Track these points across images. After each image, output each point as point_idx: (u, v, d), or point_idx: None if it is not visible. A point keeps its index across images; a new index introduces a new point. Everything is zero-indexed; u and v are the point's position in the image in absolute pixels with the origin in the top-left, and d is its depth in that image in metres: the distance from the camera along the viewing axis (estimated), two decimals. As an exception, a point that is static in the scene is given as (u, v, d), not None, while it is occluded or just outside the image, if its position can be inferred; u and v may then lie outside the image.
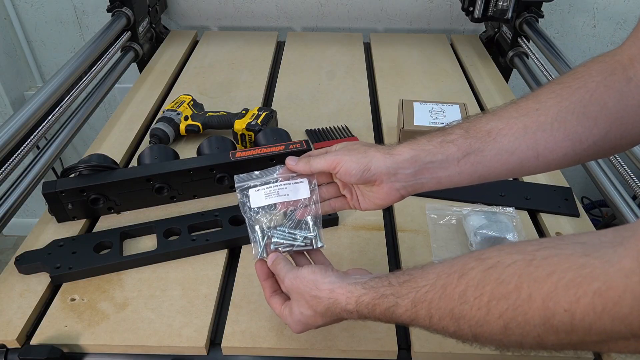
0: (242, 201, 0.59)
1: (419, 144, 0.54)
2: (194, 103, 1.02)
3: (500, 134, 0.51)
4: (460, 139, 0.52)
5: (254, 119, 0.94)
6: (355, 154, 0.54)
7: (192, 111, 1.00)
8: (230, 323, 0.64)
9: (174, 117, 0.98)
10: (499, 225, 0.74)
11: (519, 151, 0.51)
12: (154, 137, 0.96)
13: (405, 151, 0.53)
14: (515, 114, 0.52)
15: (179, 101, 1.02)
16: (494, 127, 0.52)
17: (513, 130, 0.51)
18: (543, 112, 0.51)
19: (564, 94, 0.51)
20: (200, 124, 0.98)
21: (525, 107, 0.52)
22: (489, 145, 0.51)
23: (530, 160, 0.51)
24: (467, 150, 0.52)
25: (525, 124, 0.51)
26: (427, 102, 0.97)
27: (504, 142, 0.51)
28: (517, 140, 0.51)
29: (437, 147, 0.53)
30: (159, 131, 0.95)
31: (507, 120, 0.52)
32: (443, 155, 0.52)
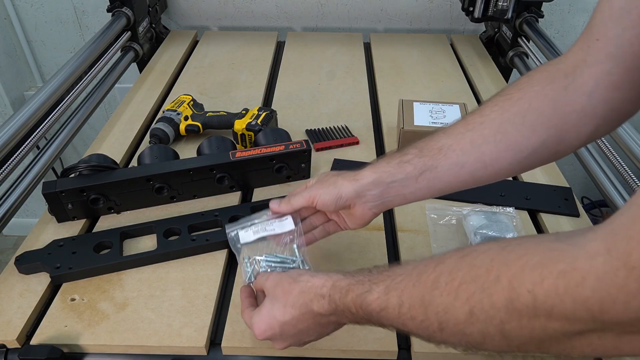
0: (232, 239, 0.64)
1: (380, 167, 0.58)
2: (194, 103, 1.02)
3: (450, 150, 0.55)
4: (416, 159, 0.57)
5: (254, 119, 0.94)
6: (327, 186, 0.60)
7: (192, 111, 1.00)
8: (230, 323, 0.64)
9: (174, 117, 0.98)
10: (499, 225, 0.74)
11: (469, 164, 0.55)
12: (154, 137, 0.95)
13: (368, 175, 0.58)
14: (463, 129, 0.56)
15: (179, 101, 1.02)
16: (444, 144, 0.56)
17: (461, 145, 0.55)
18: (487, 125, 0.54)
19: (505, 106, 0.54)
20: (200, 124, 0.98)
21: (471, 121, 0.56)
22: (441, 162, 0.56)
23: (479, 171, 0.55)
24: (422, 168, 0.56)
25: (472, 138, 0.55)
26: (427, 102, 0.97)
27: (453, 157, 0.55)
28: (465, 154, 0.55)
29: (395, 168, 0.57)
30: (159, 131, 0.95)
31: (455, 137, 0.56)
32: (402, 174, 0.57)
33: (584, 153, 0.95)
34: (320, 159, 0.94)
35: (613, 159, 0.87)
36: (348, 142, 0.98)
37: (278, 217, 0.64)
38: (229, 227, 0.65)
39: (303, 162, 0.87)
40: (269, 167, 0.85)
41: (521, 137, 0.53)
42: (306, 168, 0.88)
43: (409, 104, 0.96)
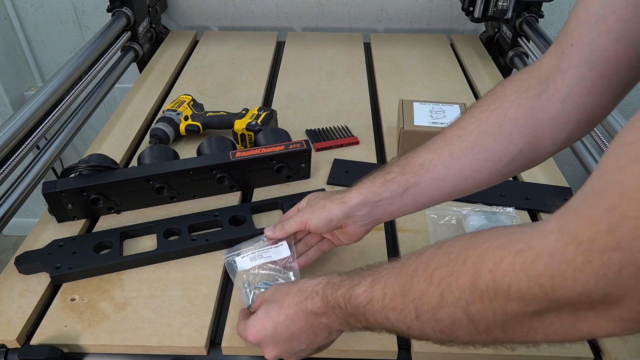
0: (229, 265, 0.67)
1: (365, 187, 0.60)
2: (194, 103, 1.02)
3: (431, 165, 0.57)
4: (399, 177, 0.58)
5: (254, 119, 0.94)
6: (317, 210, 0.62)
7: (192, 111, 1.00)
8: (230, 323, 0.64)
9: (174, 117, 0.98)
10: (498, 225, 0.74)
11: (450, 177, 0.56)
12: (154, 137, 0.95)
13: (355, 196, 0.60)
14: (442, 143, 0.58)
15: (179, 101, 1.02)
16: (425, 160, 0.58)
17: (441, 159, 0.57)
18: (465, 138, 0.56)
19: (481, 117, 0.56)
20: (200, 124, 0.98)
21: (450, 135, 0.57)
22: (423, 178, 0.57)
23: (460, 183, 0.57)
24: (406, 185, 0.58)
25: (451, 152, 0.56)
26: (427, 102, 0.97)
27: (435, 172, 0.57)
28: (446, 168, 0.56)
29: (380, 187, 0.59)
30: (159, 131, 0.95)
31: (435, 152, 0.58)
32: (387, 193, 0.59)
33: (584, 153, 0.95)
34: (320, 159, 0.94)
35: (613, 159, 0.87)
36: (348, 142, 0.98)
37: (274, 243, 0.67)
38: (225, 253, 0.69)
39: (303, 162, 0.87)
40: (269, 167, 0.85)
41: (499, 147, 0.54)
42: (306, 168, 0.88)
43: (409, 104, 0.96)
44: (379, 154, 0.98)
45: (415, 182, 0.57)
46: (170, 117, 0.97)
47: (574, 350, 0.61)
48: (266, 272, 0.67)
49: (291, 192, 0.85)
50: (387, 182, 0.59)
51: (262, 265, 0.67)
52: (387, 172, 0.60)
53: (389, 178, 0.59)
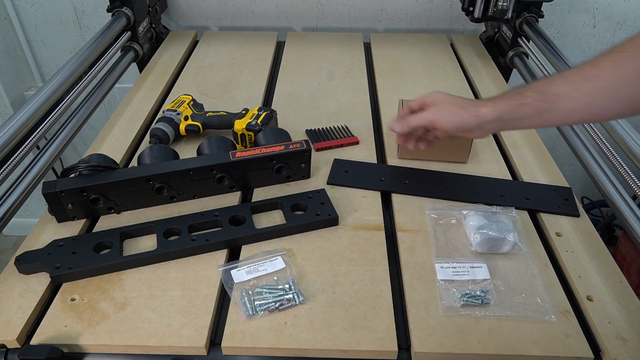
0: (226, 278, 0.69)
1: (500, 106, 0.68)
2: (194, 103, 1.02)
3: (567, 98, 0.64)
4: (535, 102, 0.66)
5: (254, 119, 0.94)
6: (448, 115, 0.71)
7: (192, 111, 1.00)
8: (230, 323, 0.64)
9: (174, 117, 0.98)
10: (499, 225, 0.74)
11: (580, 111, 0.64)
12: (154, 137, 0.95)
13: (490, 113, 0.69)
14: (579, 78, 0.64)
15: (179, 101, 1.02)
16: (561, 92, 0.65)
17: (577, 94, 0.64)
18: (602, 79, 0.62)
19: (620, 62, 0.61)
20: (200, 124, 0.98)
21: (589, 73, 0.63)
22: (557, 106, 0.65)
23: (587, 117, 0.68)
24: (540, 110, 0.66)
25: (588, 89, 0.63)
26: None
27: (569, 104, 0.64)
28: (580, 102, 0.64)
29: (515, 109, 0.67)
30: (159, 131, 0.95)
31: (573, 85, 0.64)
32: (520, 114, 0.67)
33: (584, 153, 0.94)
34: (320, 159, 0.94)
35: (613, 159, 0.87)
36: (348, 142, 0.98)
37: (269, 258, 0.71)
38: (221, 267, 0.71)
39: (303, 162, 0.87)
40: (269, 167, 0.85)
41: (631, 93, 0.60)
42: (306, 168, 0.88)
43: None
44: (379, 154, 0.98)
45: (549, 109, 0.65)
46: (170, 117, 0.98)
47: (574, 350, 0.61)
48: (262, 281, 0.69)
49: (291, 192, 0.85)
50: (522, 105, 0.66)
51: (258, 278, 0.69)
52: (524, 95, 0.67)
53: (525, 102, 0.66)
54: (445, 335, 0.63)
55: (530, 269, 0.72)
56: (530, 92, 0.67)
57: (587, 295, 0.69)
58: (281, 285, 0.68)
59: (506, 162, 0.96)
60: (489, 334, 0.63)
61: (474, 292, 0.68)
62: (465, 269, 0.71)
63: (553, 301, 0.67)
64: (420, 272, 0.71)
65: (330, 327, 0.63)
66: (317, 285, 0.69)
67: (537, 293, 0.68)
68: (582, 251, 0.76)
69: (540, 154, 0.98)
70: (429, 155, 0.93)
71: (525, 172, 0.93)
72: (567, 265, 0.73)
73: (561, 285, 0.70)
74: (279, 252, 0.73)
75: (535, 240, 0.78)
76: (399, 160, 0.94)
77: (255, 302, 0.66)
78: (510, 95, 0.68)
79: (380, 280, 0.70)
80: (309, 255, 0.74)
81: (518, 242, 0.75)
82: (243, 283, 0.69)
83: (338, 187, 0.87)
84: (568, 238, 0.78)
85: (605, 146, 0.91)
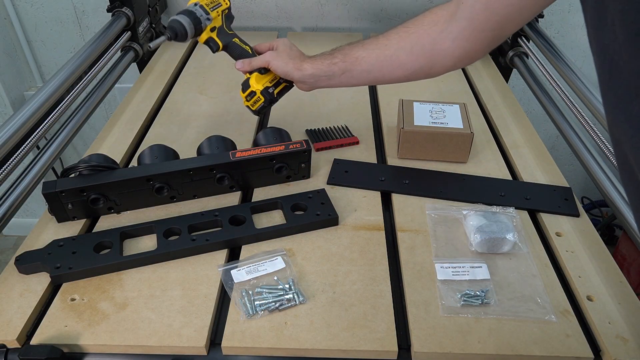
0: (225, 278, 0.69)
1: (316, 64, 0.83)
2: (227, 14, 0.89)
3: (363, 60, 0.80)
4: (340, 62, 0.82)
5: (273, 85, 0.88)
6: (280, 60, 0.84)
7: (222, 23, 0.88)
8: (230, 323, 0.64)
9: (202, 17, 0.84)
10: (499, 225, 0.74)
11: (374, 71, 0.81)
12: (169, 30, 0.82)
13: (308, 68, 0.83)
14: (374, 46, 0.80)
15: (217, 2, 0.87)
16: (359, 55, 0.81)
17: (370, 58, 0.80)
18: (388, 47, 0.79)
19: (403, 36, 0.78)
20: (222, 45, 0.88)
21: (381, 42, 0.80)
22: (356, 67, 0.81)
23: (379, 78, 0.82)
24: (343, 70, 0.82)
25: (377, 55, 0.79)
26: (427, 102, 0.97)
27: (364, 65, 0.80)
28: (372, 65, 0.80)
29: (327, 67, 0.82)
30: (178, 24, 0.82)
31: (368, 51, 0.80)
32: (330, 72, 0.82)
33: (584, 153, 0.95)
34: (320, 159, 0.94)
35: (613, 159, 0.87)
36: (348, 142, 0.98)
37: (269, 258, 0.72)
38: (221, 267, 0.71)
39: (303, 162, 0.87)
40: (269, 167, 0.85)
41: (407, 61, 0.78)
42: (306, 168, 0.88)
43: (409, 104, 0.96)
44: (379, 154, 0.98)
45: (350, 69, 0.81)
46: (197, 14, 0.84)
47: (574, 350, 0.61)
48: (262, 281, 0.69)
49: (291, 192, 0.85)
50: (331, 64, 0.82)
51: (258, 278, 0.69)
52: (333, 56, 0.83)
53: (334, 62, 0.82)
54: (445, 335, 0.63)
55: (530, 269, 0.72)
56: (338, 54, 0.82)
57: (587, 295, 0.69)
58: (281, 285, 0.68)
59: (506, 162, 0.96)
60: (489, 334, 0.63)
61: (474, 292, 0.68)
62: (465, 269, 0.71)
63: (553, 301, 0.67)
64: (420, 272, 0.71)
65: (330, 327, 0.63)
66: (317, 285, 0.69)
67: (537, 293, 0.68)
68: (582, 251, 0.76)
69: (540, 154, 0.98)
70: (429, 155, 0.93)
71: (525, 172, 0.93)
72: (567, 265, 0.73)
73: (561, 285, 0.70)
74: (279, 252, 0.73)
75: (535, 240, 0.78)
76: (399, 160, 0.94)
77: (255, 302, 0.66)
78: (325, 56, 0.83)
79: (380, 280, 0.70)
80: (309, 255, 0.74)
81: (518, 242, 0.75)
82: (243, 283, 0.69)
83: (338, 187, 0.87)
84: (568, 238, 0.78)
85: (605, 146, 0.91)
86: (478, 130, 1.03)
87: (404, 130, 0.91)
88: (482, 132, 1.04)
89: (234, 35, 0.90)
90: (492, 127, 1.07)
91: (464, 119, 0.93)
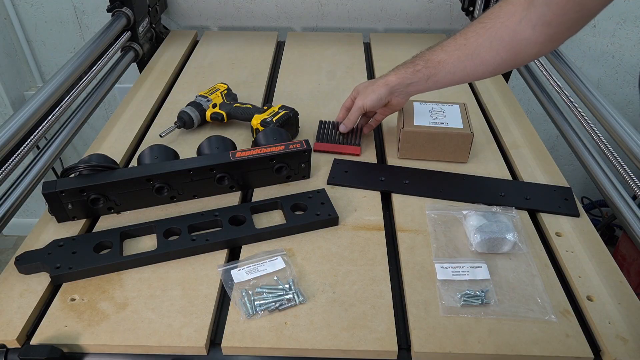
0: (225, 278, 0.69)
1: (400, 73, 0.87)
2: (227, 92, 1.05)
3: (445, 63, 0.82)
4: (424, 69, 0.84)
5: (270, 116, 0.96)
6: (369, 94, 0.89)
7: (223, 100, 1.03)
8: (230, 323, 0.64)
9: (203, 103, 1.02)
10: (499, 225, 0.74)
11: (457, 72, 0.82)
12: (179, 120, 1.00)
13: (394, 79, 0.87)
14: (453, 47, 0.82)
15: (214, 89, 1.05)
16: (441, 59, 0.83)
17: (452, 59, 0.82)
18: (467, 46, 0.80)
19: (480, 32, 0.79)
20: (225, 113, 1.01)
21: (460, 42, 0.81)
22: (440, 71, 0.83)
23: (464, 78, 0.83)
24: (428, 75, 0.84)
25: (458, 56, 0.81)
26: (427, 102, 0.97)
27: (448, 67, 0.82)
28: (455, 66, 0.82)
29: (412, 74, 0.85)
30: (185, 114, 0.99)
31: (448, 53, 0.82)
32: (416, 79, 0.85)
33: (584, 153, 0.95)
34: (320, 159, 0.94)
35: (613, 159, 0.87)
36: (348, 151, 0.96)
37: (269, 258, 0.72)
38: (221, 267, 0.71)
39: (303, 162, 0.87)
40: (269, 167, 0.85)
41: (489, 57, 0.78)
42: (306, 168, 0.88)
43: (409, 104, 0.96)
44: (379, 154, 0.98)
45: (435, 74, 0.83)
46: (199, 102, 1.02)
47: (574, 350, 0.61)
48: (262, 281, 0.69)
49: (291, 192, 0.85)
50: (415, 72, 0.85)
51: (258, 278, 0.69)
52: (415, 64, 0.85)
53: (417, 69, 0.85)
54: (445, 335, 0.63)
55: (530, 269, 0.72)
56: (419, 61, 0.85)
57: (587, 295, 0.69)
58: (281, 285, 0.68)
59: (506, 162, 0.96)
60: (489, 334, 0.63)
61: (474, 292, 0.68)
62: (465, 269, 0.71)
63: (553, 301, 0.67)
64: (420, 272, 0.71)
65: (330, 327, 0.63)
66: (317, 285, 0.69)
67: (537, 293, 0.68)
68: (582, 251, 0.76)
69: (540, 154, 0.98)
70: (429, 155, 0.93)
71: (525, 172, 0.93)
72: (567, 265, 0.73)
73: (561, 285, 0.70)
74: (279, 252, 0.73)
75: (535, 240, 0.78)
76: (399, 160, 0.94)
77: (255, 302, 0.66)
78: (407, 65, 0.86)
79: (380, 280, 0.70)
80: (309, 255, 0.74)
81: (518, 242, 0.75)
82: (243, 283, 0.69)
83: (338, 187, 0.87)
84: (568, 238, 0.78)
85: (605, 146, 0.91)
86: (478, 130, 1.03)
87: (404, 131, 0.91)
88: (482, 132, 1.04)
89: (234, 102, 1.05)
90: (492, 127, 1.07)
91: (464, 119, 0.93)
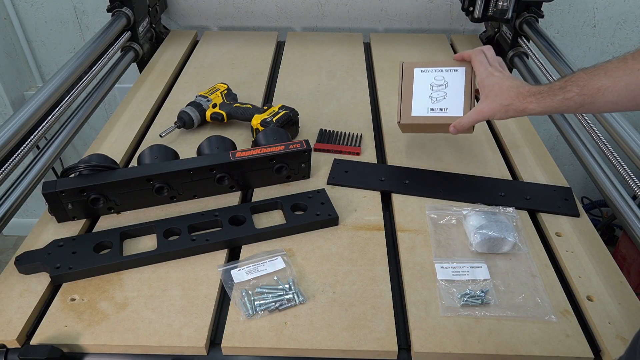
0: (225, 278, 0.69)
1: (545, 101, 0.72)
2: (227, 92, 1.05)
3: (607, 91, 0.66)
4: (577, 97, 0.69)
5: (270, 116, 0.96)
6: (497, 106, 0.77)
7: (223, 100, 1.03)
8: (230, 323, 0.64)
9: (203, 103, 1.02)
10: (499, 225, 0.74)
11: (621, 103, 0.67)
12: (179, 120, 0.99)
13: (535, 109, 0.73)
14: (621, 72, 0.66)
15: (214, 89, 1.05)
16: (603, 85, 0.67)
17: (617, 87, 0.65)
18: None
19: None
20: (225, 113, 1.01)
21: (630, 66, 0.65)
22: (598, 100, 0.68)
23: (629, 108, 0.68)
24: (581, 104, 0.69)
25: (627, 82, 0.65)
26: (429, 69, 0.90)
27: (610, 97, 0.67)
28: (620, 95, 0.66)
29: (559, 104, 0.71)
30: (185, 114, 0.99)
31: (613, 79, 0.66)
32: (564, 108, 0.71)
33: (584, 153, 0.95)
34: (320, 159, 0.94)
35: (613, 159, 0.87)
36: (348, 150, 0.96)
37: (269, 258, 0.72)
38: (221, 267, 0.71)
39: (303, 162, 0.87)
40: (269, 167, 0.85)
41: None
42: (306, 168, 0.88)
43: (409, 73, 0.91)
44: (379, 154, 0.98)
45: (591, 102, 0.68)
46: (200, 102, 1.01)
47: (574, 350, 0.61)
48: (262, 281, 0.69)
49: (291, 192, 0.85)
50: (566, 99, 0.70)
51: (258, 278, 0.69)
52: (567, 90, 0.70)
53: (568, 97, 0.70)
54: (445, 335, 0.63)
55: (530, 269, 0.72)
56: (573, 87, 0.69)
57: (587, 295, 0.69)
58: (281, 285, 0.68)
59: (506, 162, 0.96)
60: (489, 334, 0.63)
61: (474, 292, 0.68)
62: (465, 269, 0.71)
63: (553, 301, 0.67)
64: (420, 272, 0.71)
65: (330, 327, 0.63)
66: (317, 285, 0.69)
67: (537, 293, 0.68)
68: (582, 251, 0.76)
69: (540, 154, 0.98)
70: (433, 129, 0.91)
71: (525, 172, 0.93)
72: (567, 265, 0.73)
73: (561, 285, 0.70)
74: (279, 252, 0.73)
75: (535, 240, 0.78)
76: (399, 160, 0.94)
77: (255, 302, 0.66)
78: (554, 90, 0.71)
79: (380, 280, 0.70)
80: (309, 255, 0.74)
81: (518, 242, 0.75)
82: (243, 283, 0.69)
83: (338, 187, 0.87)
84: (568, 238, 0.78)
85: (605, 146, 0.91)
86: (478, 130, 1.03)
87: (401, 124, 0.90)
88: (482, 132, 1.04)
89: (234, 102, 1.03)
90: (492, 127, 1.07)
91: (466, 96, 0.87)
